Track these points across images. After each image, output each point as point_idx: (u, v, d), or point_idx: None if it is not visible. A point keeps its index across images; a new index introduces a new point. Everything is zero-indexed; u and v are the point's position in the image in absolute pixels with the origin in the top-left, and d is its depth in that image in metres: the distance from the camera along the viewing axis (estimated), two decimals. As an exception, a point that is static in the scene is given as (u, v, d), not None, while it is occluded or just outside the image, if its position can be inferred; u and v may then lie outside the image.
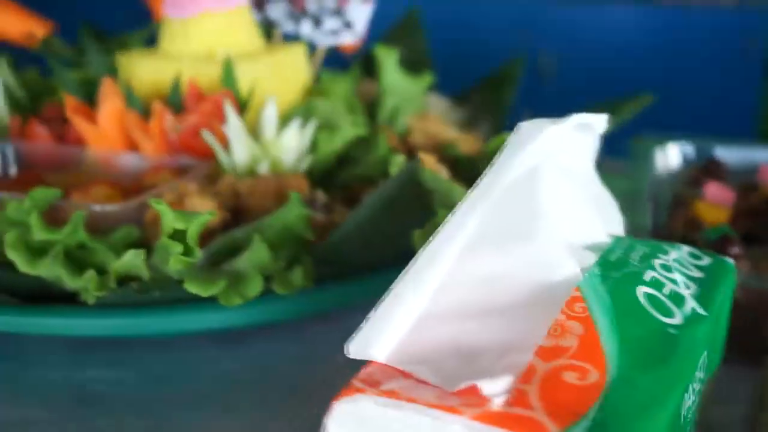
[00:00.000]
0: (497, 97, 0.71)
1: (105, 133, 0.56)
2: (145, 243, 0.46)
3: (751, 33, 0.96)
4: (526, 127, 0.36)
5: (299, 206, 0.43)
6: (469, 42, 0.81)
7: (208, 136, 0.52)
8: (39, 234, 0.43)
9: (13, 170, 0.58)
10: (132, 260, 0.40)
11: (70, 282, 0.43)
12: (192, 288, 0.39)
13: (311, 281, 0.43)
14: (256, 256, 0.41)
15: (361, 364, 0.31)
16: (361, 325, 0.32)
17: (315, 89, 0.63)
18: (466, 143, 0.60)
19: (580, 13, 1.05)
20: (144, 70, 0.59)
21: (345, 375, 0.43)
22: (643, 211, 0.50)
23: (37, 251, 0.43)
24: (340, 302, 0.46)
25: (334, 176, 0.56)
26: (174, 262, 0.39)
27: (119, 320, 0.43)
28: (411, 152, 0.59)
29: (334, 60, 0.71)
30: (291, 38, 0.67)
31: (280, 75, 0.61)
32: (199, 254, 0.39)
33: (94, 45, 0.60)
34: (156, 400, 0.42)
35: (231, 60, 0.57)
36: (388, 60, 0.64)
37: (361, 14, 0.64)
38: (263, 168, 0.52)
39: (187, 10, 0.59)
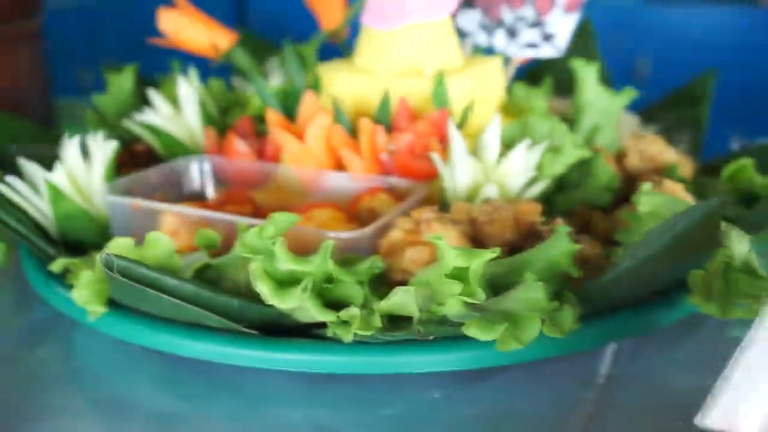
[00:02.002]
0: (691, 113, 0.67)
1: (311, 150, 0.53)
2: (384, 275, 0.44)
3: None
4: None
5: (567, 241, 0.40)
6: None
7: (436, 158, 0.49)
8: (286, 264, 0.40)
9: (210, 187, 0.56)
10: (401, 299, 0.37)
11: (322, 316, 0.40)
12: (473, 332, 0.35)
13: (578, 323, 0.40)
14: (530, 296, 0.37)
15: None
16: (717, 393, 0.29)
17: (510, 104, 0.60)
18: (683, 166, 0.56)
19: (677, 14, 1.02)
20: (346, 84, 0.56)
21: (600, 426, 0.40)
22: None
23: (282, 282, 0.41)
24: (597, 342, 0.42)
25: (552, 201, 0.52)
26: (454, 304, 0.36)
27: (375, 358, 0.40)
28: (628, 175, 0.55)
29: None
30: (479, 49, 0.63)
31: (484, 90, 0.57)
32: (482, 295, 0.36)
33: (294, 57, 0.58)
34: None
35: (443, 75, 0.54)
36: (588, 74, 0.60)
37: (564, 26, 0.60)
38: (491, 193, 0.49)
39: (392, 22, 0.56)
